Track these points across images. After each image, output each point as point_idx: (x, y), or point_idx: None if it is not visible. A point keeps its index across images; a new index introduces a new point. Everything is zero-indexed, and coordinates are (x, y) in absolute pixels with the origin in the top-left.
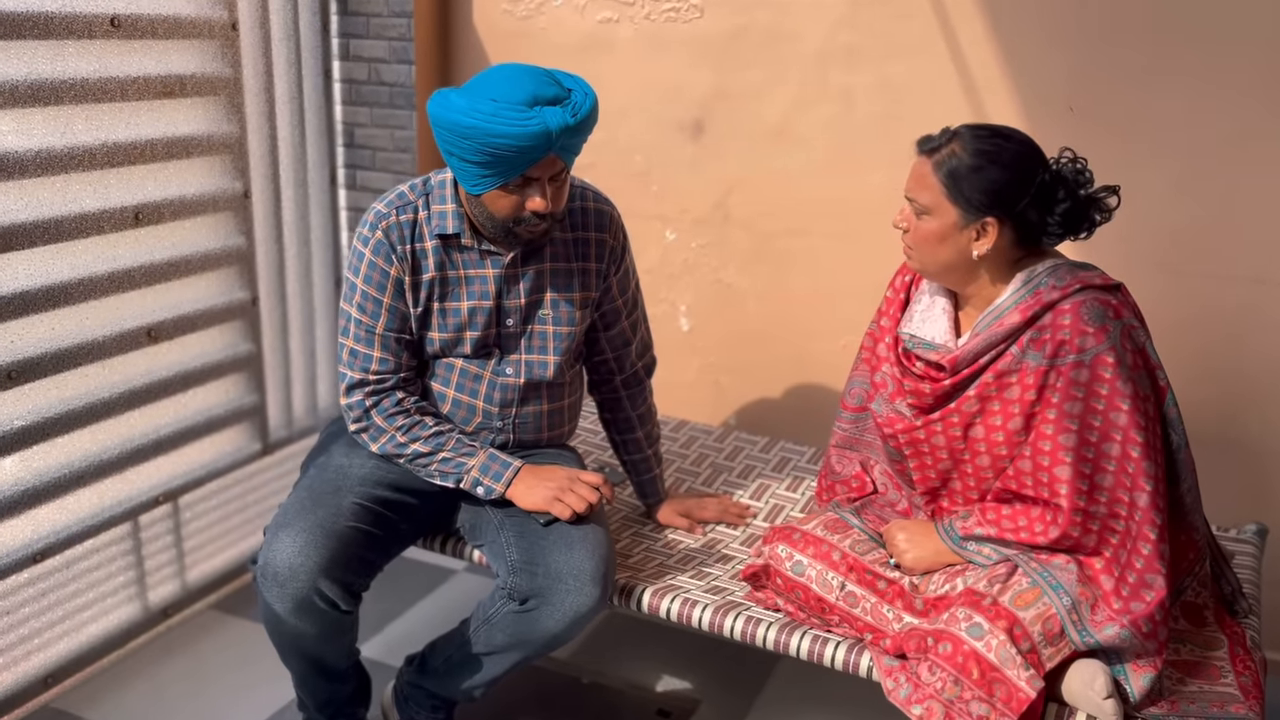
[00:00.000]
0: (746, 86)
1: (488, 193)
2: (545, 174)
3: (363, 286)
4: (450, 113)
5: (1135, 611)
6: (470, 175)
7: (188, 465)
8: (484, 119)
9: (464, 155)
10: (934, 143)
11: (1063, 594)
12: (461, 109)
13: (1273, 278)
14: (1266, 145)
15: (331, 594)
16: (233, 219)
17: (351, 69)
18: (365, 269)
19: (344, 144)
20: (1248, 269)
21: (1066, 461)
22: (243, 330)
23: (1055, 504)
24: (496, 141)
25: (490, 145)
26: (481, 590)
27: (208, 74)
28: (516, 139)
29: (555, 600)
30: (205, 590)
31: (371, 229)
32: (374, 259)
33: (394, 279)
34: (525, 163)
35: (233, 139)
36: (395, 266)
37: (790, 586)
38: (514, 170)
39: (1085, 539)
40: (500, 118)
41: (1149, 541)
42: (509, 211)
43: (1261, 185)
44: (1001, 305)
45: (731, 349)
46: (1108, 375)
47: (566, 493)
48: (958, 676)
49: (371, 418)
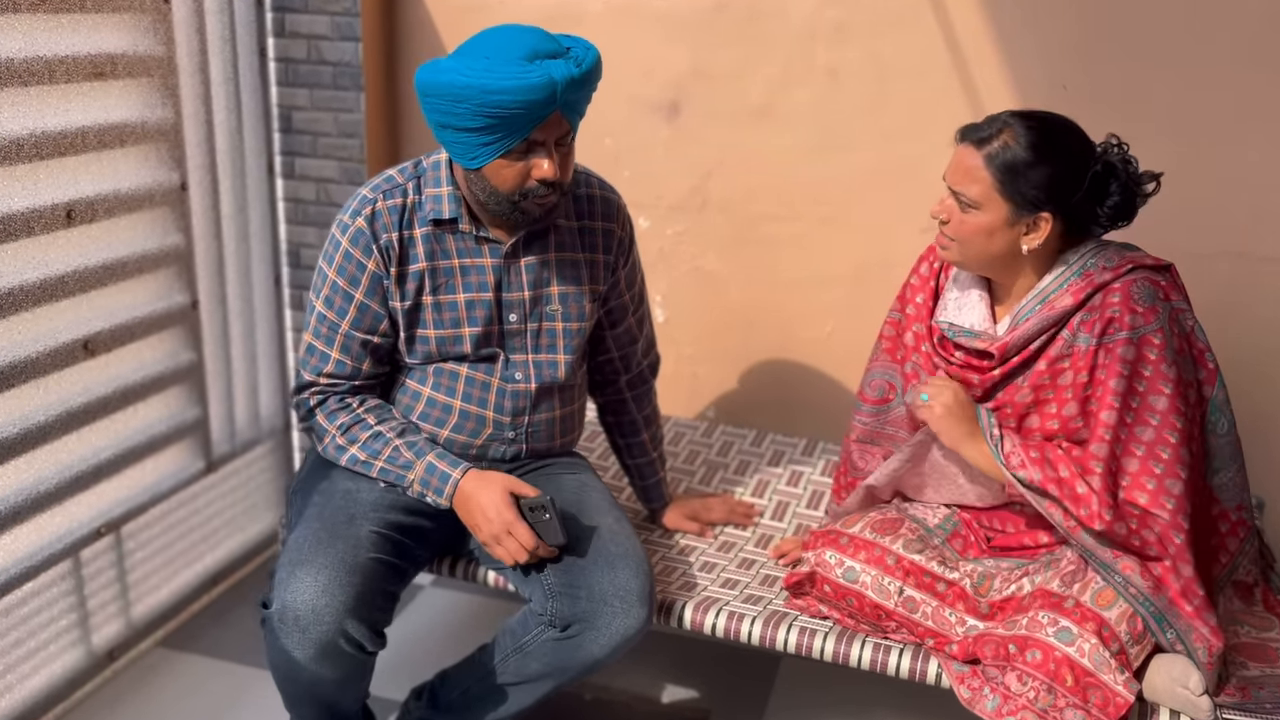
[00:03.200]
0: (726, 65)
1: (489, 164)
2: (551, 136)
3: (334, 277)
4: (441, 75)
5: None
6: (468, 146)
7: (129, 490)
8: (479, 75)
9: (459, 123)
10: (983, 132)
11: (1132, 592)
12: (453, 69)
13: (1254, 251)
14: (1254, 123)
15: (358, 635)
16: (170, 214)
17: (288, 46)
18: (339, 259)
19: (280, 129)
20: (1231, 244)
21: (1105, 440)
22: (183, 338)
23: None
24: (496, 98)
25: (490, 104)
26: (454, 606)
27: (139, 52)
28: (517, 93)
29: (601, 624)
30: (152, 627)
31: (353, 216)
32: (350, 249)
33: (370, 274)
34: (529, 122)
35: (168, 125)
36: (375, 259)
37: (841, 594)
38: (517, 132)
39: (1117, 527)
40: (496, 71)
41: (1182, 532)
42: (514, 183)
43: (1246, 160)
44: (1046, 289)
45: (711, 339)
46: (1153, 356)
47: (505, 539)
48: (1051, 684)
49: (315, 416)
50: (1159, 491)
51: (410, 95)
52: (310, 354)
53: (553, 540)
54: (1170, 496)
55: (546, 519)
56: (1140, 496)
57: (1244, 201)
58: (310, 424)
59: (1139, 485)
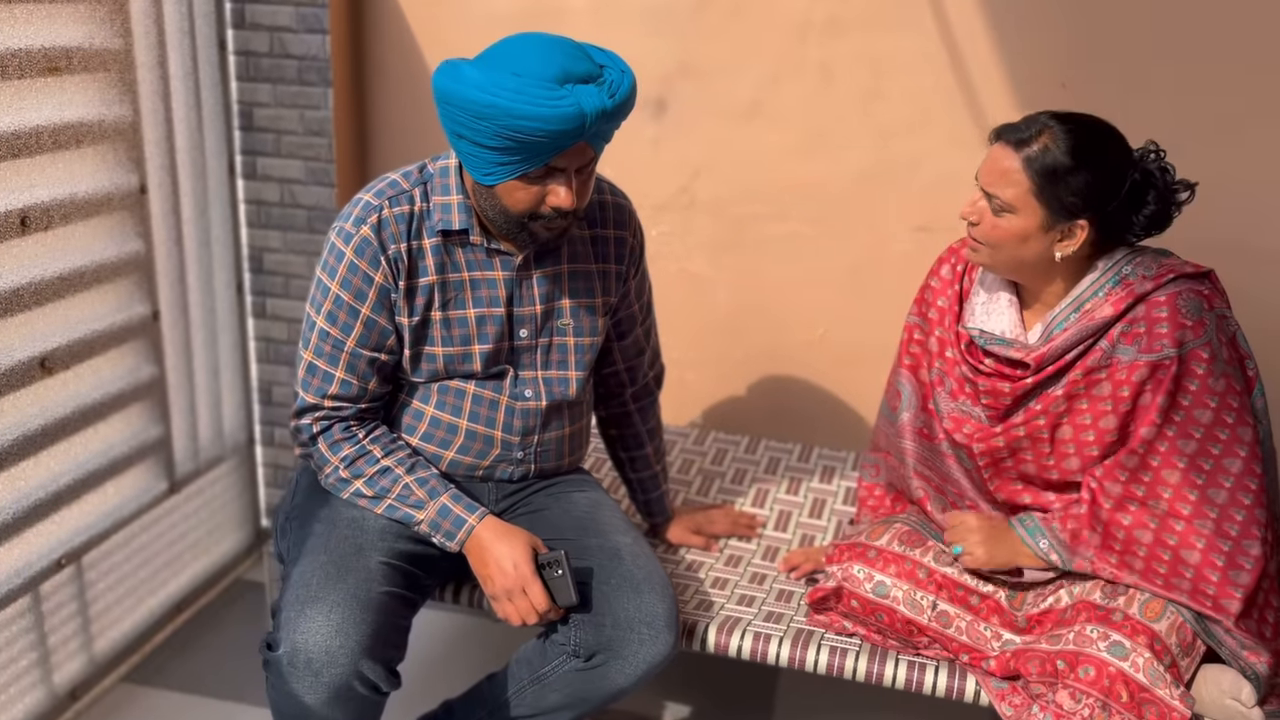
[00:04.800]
0: (715, 60)
1: (503, 183)
2: (573, 164)
3: (337, 291)
4: (464, 88)
5: (1234, 596)
6: (483, 162)
7: (90, 517)
8: (507, 96)
9: (478, 138)
10: (1021, 133)
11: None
12: (477, 84)
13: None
14: (1250, 123)
15: (374, 676)
16: (129, 219)
17: (249, 39)
18: (344, 271)
19: (241, 127)
20: (1228, 236)
21: (1179, 467)
22: (144, 351)
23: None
24: (521, 124)
25: (513, 128)
26: (451, 628)
27: (96, 46)
28: (545, 121)
29: (628, 653)
30: (115, 662)
31: (356, 224)
32: (356, 260)
33: (378, 286)
34: (552, 150)
35: (125, 123)
36: (382, 271)
37: (871, 609)
38: (538, 159)
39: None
40: (526, 95)
41: (1258, 534)
42: (526, 206)
43: (1237, 157)
44: (1081, 296)
45: (698, 343)
46: (1200, 371)
47: (517, 596)
48: (1105, 701)
49: (316, 444)
50: (1201, 501)
51: (381, 91)
52: (312, 374)
53: (564, 600)
54: (1214, 506)
55: (559, 575)
56: (1183, 508)
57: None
58: (310, 452)
59: (1181, 497)
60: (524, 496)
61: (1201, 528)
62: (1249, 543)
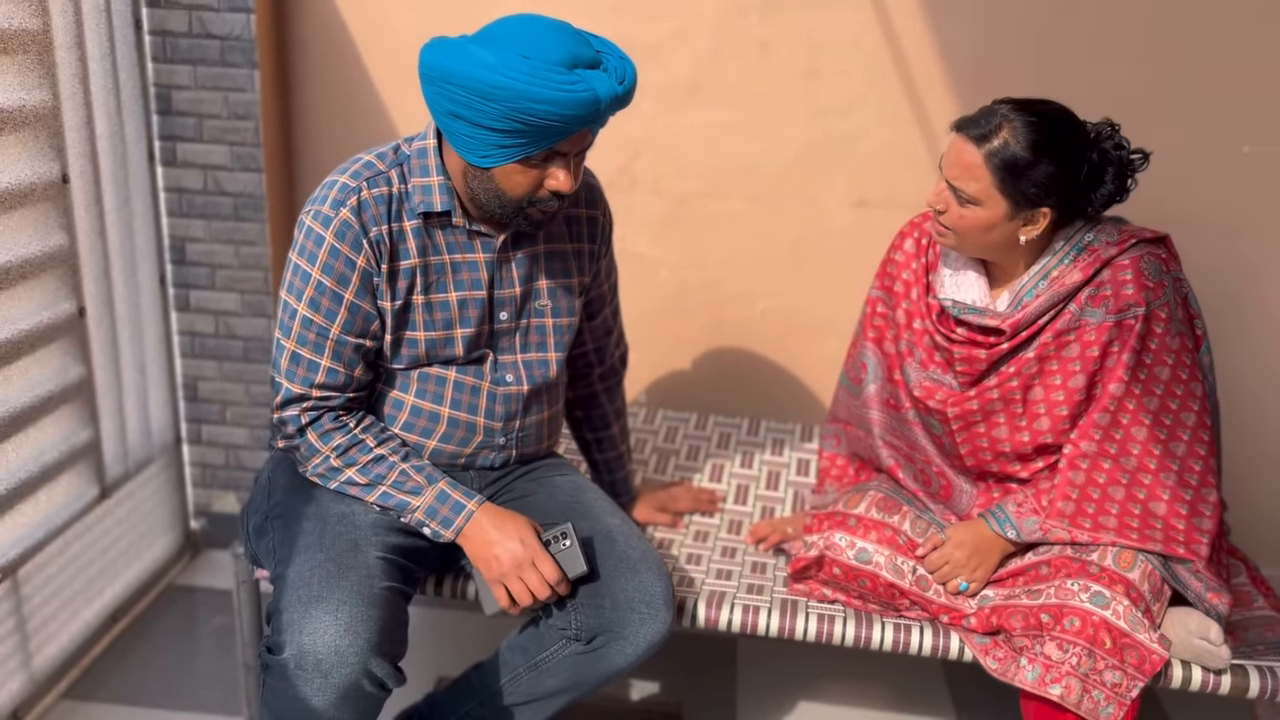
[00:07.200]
0: (654, 39)
1: (501, 167)
2: (574, 149)
3: (319, 276)
4: (471, 67)
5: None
6: (483, 144)
7: (23, 528)
8: (520, 79)
9: (481, 120)
10: (981, 128)
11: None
12: (487, 64)
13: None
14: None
15: (382, 674)
16: (52, 211)
17: (165, 18)
18: (325, 256)
19: (159, 111)
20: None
21: (1145, 423)
22: (71, 350)
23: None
24: (535, 107)
25: (526, 111)
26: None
27: (14, 26)
28: (560, 105)
29: (628, 633)
30: (55, 678)
31: (335, 206)
32: (336, 244)
33: (361, 270)
34: (561, 134)
35: (46, 109)
36: (365, 255)
37: (854, 575)
38: (544, 142)
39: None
40: (539, 79)
41: (1210, 484)
42: (524, 190)
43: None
44: (1047, 266)
45: (641, 322)
46: (1159, 330)
47: (527, 570)
48: (1090, 648)
49: (305, 435)
50: (1164, 455)
51: (306, 72)
52: (296, 364)
53: (574, 571)
54: (1174, 459)
55: (567, 546)
56: (1150, 462)
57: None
58: (297, 443)
59: (1148, 452)
60: (506, 483)
61: (1166, 479)
62: (1207, 490)
